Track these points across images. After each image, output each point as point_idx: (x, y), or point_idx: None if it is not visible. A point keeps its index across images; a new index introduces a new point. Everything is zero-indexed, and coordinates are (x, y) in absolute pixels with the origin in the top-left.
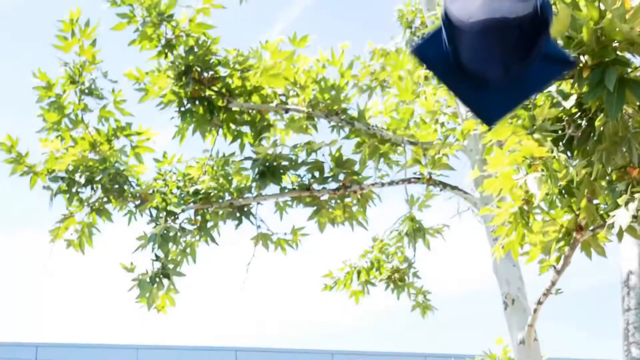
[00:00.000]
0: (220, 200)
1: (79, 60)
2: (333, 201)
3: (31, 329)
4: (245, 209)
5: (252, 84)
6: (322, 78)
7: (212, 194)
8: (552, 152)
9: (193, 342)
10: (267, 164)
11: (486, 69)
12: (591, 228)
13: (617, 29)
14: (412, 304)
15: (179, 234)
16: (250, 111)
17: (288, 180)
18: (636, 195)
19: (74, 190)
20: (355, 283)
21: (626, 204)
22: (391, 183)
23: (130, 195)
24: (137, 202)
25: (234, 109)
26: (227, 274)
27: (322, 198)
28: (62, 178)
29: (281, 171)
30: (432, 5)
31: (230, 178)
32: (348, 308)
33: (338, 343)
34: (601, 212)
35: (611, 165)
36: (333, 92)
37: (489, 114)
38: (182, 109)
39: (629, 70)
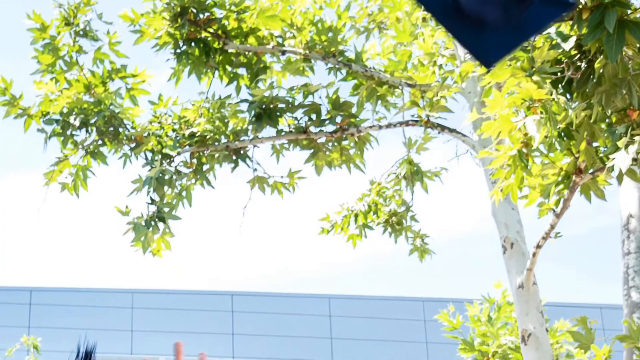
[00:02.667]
0: (216, 143)
1: (74, 2)
2: (330, 144)
3: (25, 273)
4: (242, 152)
5: (248, 25)
6: (319, 20)
7: (208, 137)
8: (551, 94)
9: (189, 287)
10: (263, 106)
11: (485, 10)
12: (591, 171)
13: None
14: (410, 247)
15: (174, 177)
16: (246, 53)
17: (285, 122)
18: (636, 138)
19: (68, 132)
20: (353, 227)
21: (626, 146)
22: (389, 126)
23: (125, 137)
24: (132, 145)
25: (230, 50)
26: (223, 218)
27: (319, 141)
28: (57, 120)
29: (278, 114)
30: None
31: (226, 121)
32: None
33: (335, 287)
34: (601, 154)
35: (611, 107)
36: (330, 34)
37: (487, 56)
38: (178, 51)
39: (629, 11)
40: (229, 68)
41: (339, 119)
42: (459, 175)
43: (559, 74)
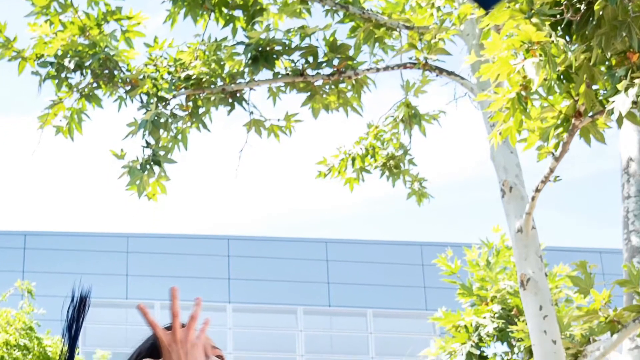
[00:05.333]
0: (212, 86)
1: None
2: (327, 87)
3: (20, 217)
4: (238, 95)
5: None
6: None
7: (203, 80)
8: (550, 36)
9: (185, 231)
10: (260, 48)
11: None
12: (590, 114)
13: None
14: (408, 191)
15: (170, 120)
16: None
17: (281, 65)
18: (636, 81)
19: (63, 75)
20: (350, 170)
21: (626, 89)
22: (386, 68)
23: (120, 80)
24: (128, 88)
25: None
26: (219, 161)
27: (316, 83)
28: (51, 63)
29: (274, 56)
30: None
31: (222, 63)
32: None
33: (332, 231)
34: (600, 97)
35: (610, 50)
36: None
37: None
38: None
39: None
40: (225, 10)
41: (336, 62)
42: (457, 119)
43: (558, 16)
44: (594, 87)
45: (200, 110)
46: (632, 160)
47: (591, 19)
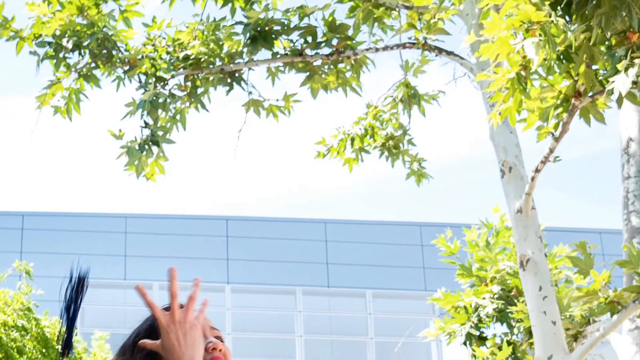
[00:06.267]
0: (211, 66)
1: None
2: (326, 67)
3: (18, 198)
4: (237, 75)
5: None
6: None
7: (202, 60)
8: (550, 16)
9: (183, 211)
10: (258, 28)
11: None
12: (590, 94)
13: None
14: (407, 171)
15: (168, 100)
16: None
17: (280, 45)
18: (636, 61)
19: (61, 55)
20: (349, 150)
21: (626, 69)
22: (385, 48)
23: (118, 60)
24: (126, 68)
25: None
26: (218, 142)
27: (315, 63)
28: (49, 43)
29: (273, 36)
30: None
31: (221, 43)
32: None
33: (331, 212)
34: (600, 77)
35: (610, 30)
36: None
37: None
38: None
39: None
40: None
41: (335, 42)
42: (456, 99)
43: None
44: (594, 67)
45: (199, 91)
46: (632, 140)
47: None
